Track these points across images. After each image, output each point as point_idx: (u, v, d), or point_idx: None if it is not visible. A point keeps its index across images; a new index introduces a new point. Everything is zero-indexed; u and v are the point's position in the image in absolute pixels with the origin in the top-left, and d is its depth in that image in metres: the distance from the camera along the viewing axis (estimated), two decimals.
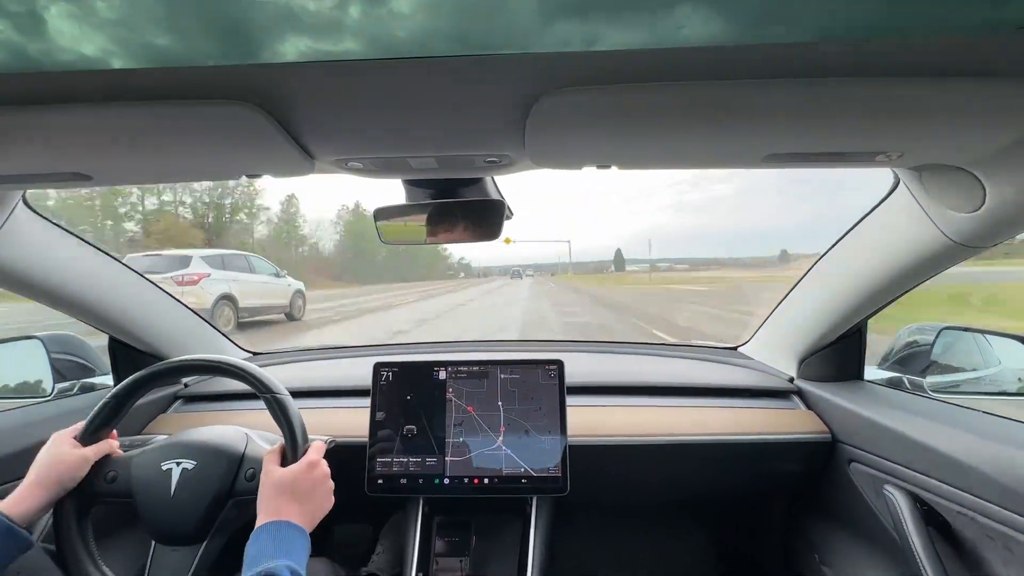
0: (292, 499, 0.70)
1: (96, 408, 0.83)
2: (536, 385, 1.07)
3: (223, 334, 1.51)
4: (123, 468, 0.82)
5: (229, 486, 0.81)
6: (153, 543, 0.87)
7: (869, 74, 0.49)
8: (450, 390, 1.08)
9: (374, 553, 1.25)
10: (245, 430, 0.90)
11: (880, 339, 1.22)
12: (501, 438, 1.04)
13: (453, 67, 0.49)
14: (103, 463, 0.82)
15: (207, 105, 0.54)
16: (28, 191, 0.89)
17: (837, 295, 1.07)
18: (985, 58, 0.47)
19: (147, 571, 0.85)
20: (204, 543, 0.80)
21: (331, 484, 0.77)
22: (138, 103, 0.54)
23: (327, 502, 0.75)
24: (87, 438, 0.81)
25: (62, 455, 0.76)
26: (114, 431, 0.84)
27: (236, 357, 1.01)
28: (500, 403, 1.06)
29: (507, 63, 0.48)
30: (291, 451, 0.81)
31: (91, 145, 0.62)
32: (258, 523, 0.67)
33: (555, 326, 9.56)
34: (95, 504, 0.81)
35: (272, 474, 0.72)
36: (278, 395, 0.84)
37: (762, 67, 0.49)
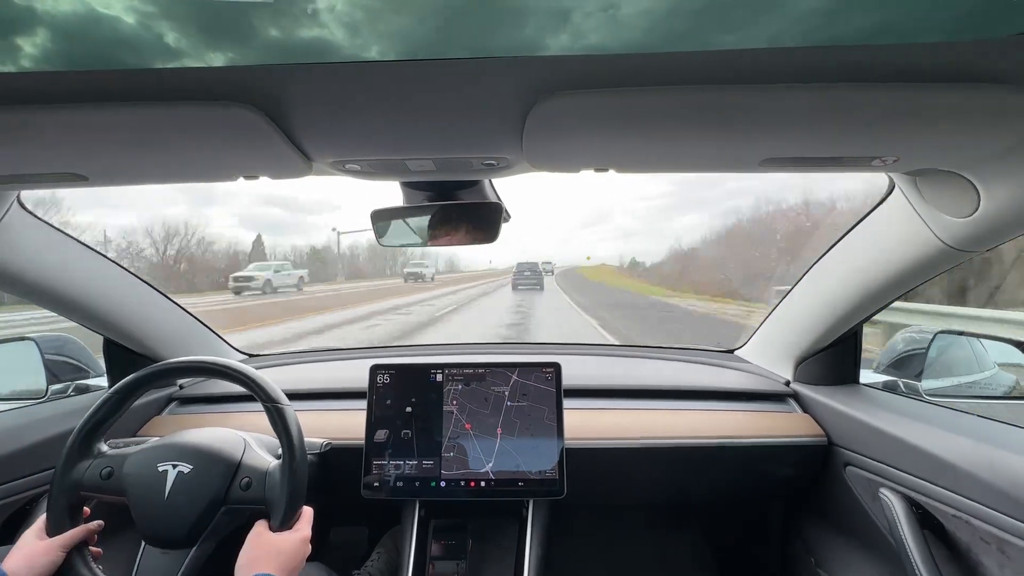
0: (281, 567, 0.72)
1: (90, 410, 0.83)
2: (533, 388, 1.07)
3: (219, 335, 1.50)
4: (118, 466, 0.81)
5: (223, 493, 0.80)
6: (143, 545, 0.86)
7: (865, 79, 0.50)
8: (447, 392, 1.08)
9: (368, 559, 1.25)
10: (243, 435, 0.89)
11: None
12: (498, 441, 1.04)
13: (451, 70, 0.49)
14: (99, 461, 0.81)
15: (204, 107, 0.54)
16: (23, 192, 0.88)
17: (833, 299, 1.07)
18: (980, 64, 0.48)
19: (135, 573, 0.84)
20: (193, 548, 0.79)
21: (308, 549, 0.79)
22: (135, 104, 0.54)
23: (303, 563, 0.78)
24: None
25: (31, 550, 0.74)
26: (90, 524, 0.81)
27: (232, 359, 1.00)
28: (497, 406, 1.06)
29: (505, 66, 0.48)
30: (288, 460, 0.80)
31: (88, 145, 0.62)
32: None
33: None
34: (88, 499, 0.80)
35: (265, 537, 0.75)
36: (279, 405, 0.83)
37: (759, 72, 0.49)
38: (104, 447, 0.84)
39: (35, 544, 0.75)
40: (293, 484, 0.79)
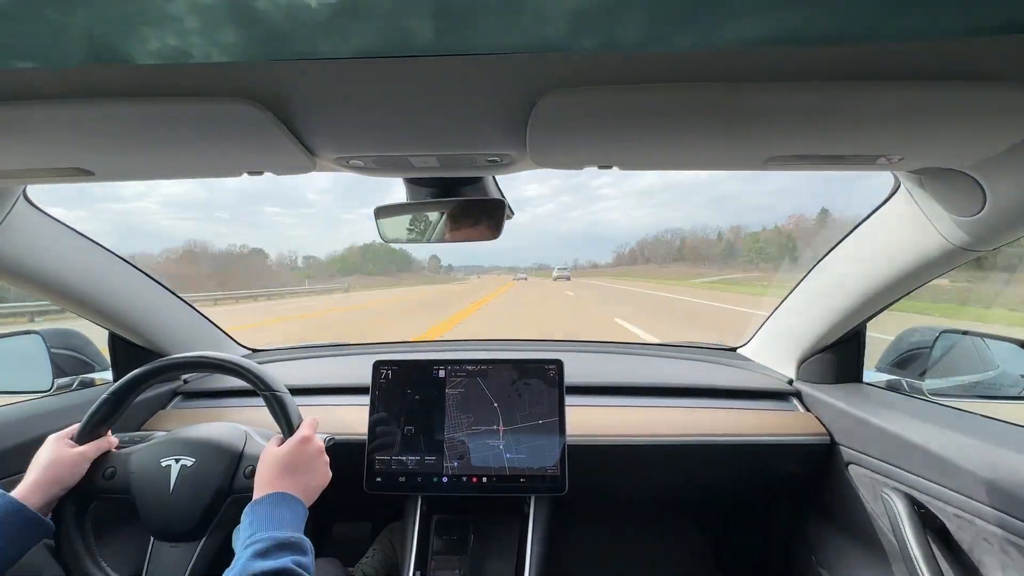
0: (287, 472, 0.72)
1: (96, 404, 0.83)
2: (536, 385, 1.07)
3: (223, 331, 1.51)
4: (122, 464, 0.82)
5: (228, 483, 0.81)
6: (152, 540, 0.87)
7: (871, 77, 0.49)
8: (449, 389, 1.08)
9: (364, 555, 1.25)
10: (244, 427, 0.90)
11: None
12: (500, 437, 1.04)
13: (456, 66, 0.49)
14: (102, 460, 0.82)
15: (209, 102, 0.54)
16: (29, 186, 0.89)
17: (837, 297, 1.07)
18: (987, 61, 0.48)
19: (145, 568, 0.85)
20: (202, 540, 0.80)
21: (326, 458, 0.79)
22: (140, 99, 0.54)
23: (324, 476, 0.77)
24: (85, 435, 0.81)
25: (59, 455, 0.77)
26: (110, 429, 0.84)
27: (236, 354, 1.01)
28: (499, 402, 1.06)
29: (510, 62, 0.48)
30: None
31: (93, 141, 0.62)
32: (256, 495, 0.69)
33: None
34: (94, 500, 0.81)
35: (269, 452, 0.75)
36: (277, 392, 0.84)
37: (765, 70, 0.49)
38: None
39: (63, 449, 0.77)
40: None
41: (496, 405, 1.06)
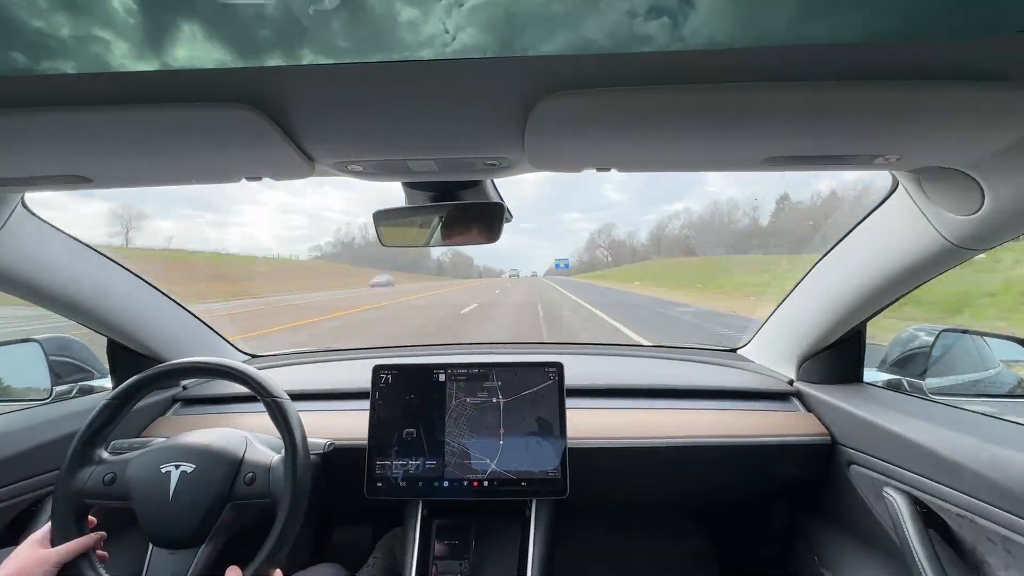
0: None
1: (95, 411, 0.83)
2: (536, 387, 1.07)
3: (222, 336, 1.50)
4: (121, 471, 0.81)
5: (228, 489, 0.81)
6: (151, 546, 0.86)
7: (868, 77, 0.50)
8: (450, 392, 1.08)
9: (366, 563, 1.25)
10: (245, 433, 0.90)
11: None
12: (501, 440, 1.04)
13: (453, 70, 0.49)
14: (101, 466, 0.82)
15: (208, 108, 0.54)
16: (27, 193, 0.89)
17: (836, 297, 1.07)
18: (984, 61, 0.48)
19: (144, 575, 0.85)
20: (202, 546, 0.80)
21: None
22: (139, 106, 0.54)
23: None
24: (59, 534, 0.78)
25: (24, 562, 0.73)
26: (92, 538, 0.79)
27: (235, 360, 1.00)
28: (500, 405, 1.06)
29: (507, 66, 0.48)
30: (291, 455, 0.81)
31: (92, 147, 0.62)
32: None
33: None
34: (92, 506, 0.81)
35: None
36: (279, 399, 0.84)
37: (762, 70, 0.49)
38: (105, 454, 0.85)
39: (30, 555, 0.74)
40: (297, 476, 0.79)
41: (496, 408, 1.06)
